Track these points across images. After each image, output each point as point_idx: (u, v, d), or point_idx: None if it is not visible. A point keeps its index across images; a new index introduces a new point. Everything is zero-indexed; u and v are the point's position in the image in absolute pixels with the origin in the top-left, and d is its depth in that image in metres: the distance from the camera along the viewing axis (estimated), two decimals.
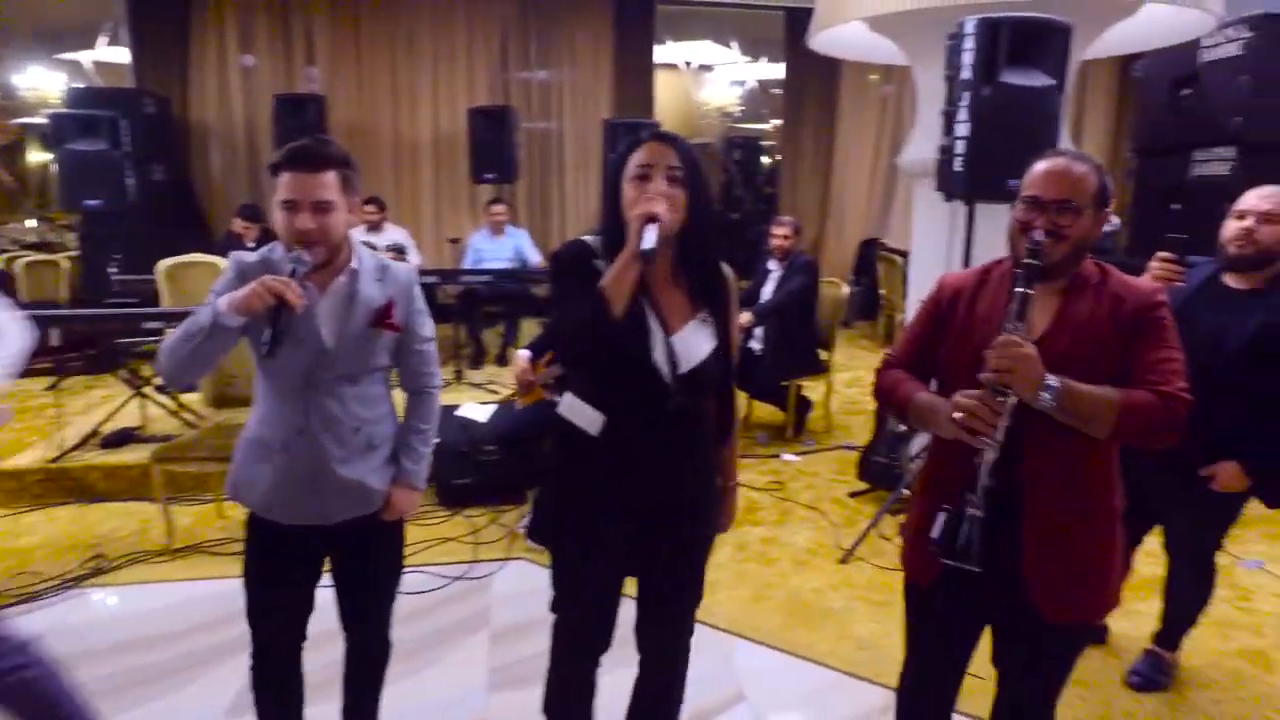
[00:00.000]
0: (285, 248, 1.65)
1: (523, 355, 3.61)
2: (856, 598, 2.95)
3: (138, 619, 2.84)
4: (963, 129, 3.16)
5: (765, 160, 10.11)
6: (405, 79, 7.71)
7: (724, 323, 1.63)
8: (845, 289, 4.97)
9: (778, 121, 9.22)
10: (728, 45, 9.18)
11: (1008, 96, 3.06)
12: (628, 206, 1.49)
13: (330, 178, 1.61)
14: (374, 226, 6.31)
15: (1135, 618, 2.74)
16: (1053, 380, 1.34)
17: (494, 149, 6.84)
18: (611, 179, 1.55)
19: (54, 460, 3.90)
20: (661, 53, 8.64)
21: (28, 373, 6.34)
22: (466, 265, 6.17)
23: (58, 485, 3.87)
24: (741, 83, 9.56)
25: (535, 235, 6.77)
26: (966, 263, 3.47)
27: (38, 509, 3.76)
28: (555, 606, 1.73)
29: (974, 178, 3.11)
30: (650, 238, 1.42)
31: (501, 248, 6.22)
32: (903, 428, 3.70)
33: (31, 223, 8.03)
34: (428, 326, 1.86)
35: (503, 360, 6.02)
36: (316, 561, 1.82)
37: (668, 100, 9.03)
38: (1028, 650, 1.57)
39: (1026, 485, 1.45)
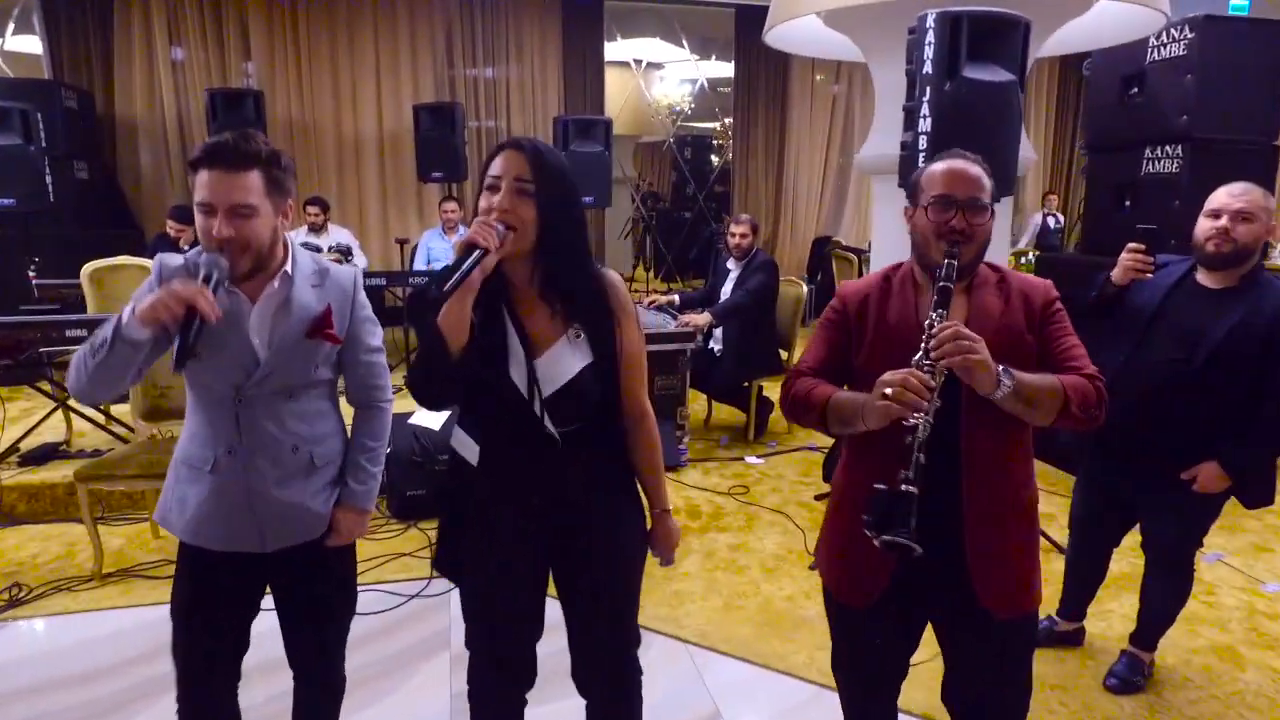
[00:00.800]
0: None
1: None
2: None
3: (64, 653, 2.62)
4: (925, 124, 3.13)
5: (715, 159, 10.08)
6: (347, 74, 7.45)
7: (604, 335, 1.50)
8: (805, 288, 4.92)
9: (729, 120, 9.19)
10: (678, 43, 9.11)
11: (970, 91, 3.03)
12: None
13: (253, 179, 1.45)
14: (317, 228, 6.08)
15: (1109, 618, 2.73)
16: (1004, 368, 1.33)
17: (441, 147, 6.67)
18: (477, 190, 1.45)
19: None
20: (611, 50, 8.54)
21: None
22: (419, 265, 5.97)
23: None
24: (692, 81, 9.50)
25: None
26: None
27: None
28: (469, 641, 1.62)
29: None
30: (462, 272, 1.28)
31: (454, 247, 6.04)
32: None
33: None
34: (375, 335, 1.71)
35: None
36: (253, 594, 1.66)
37: (618, 98, 8.93)
38: (987, 655, 1.54)
39: (963, 475, 1.44)
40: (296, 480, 1.59)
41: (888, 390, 1.31)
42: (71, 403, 4.06)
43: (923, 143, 3.13)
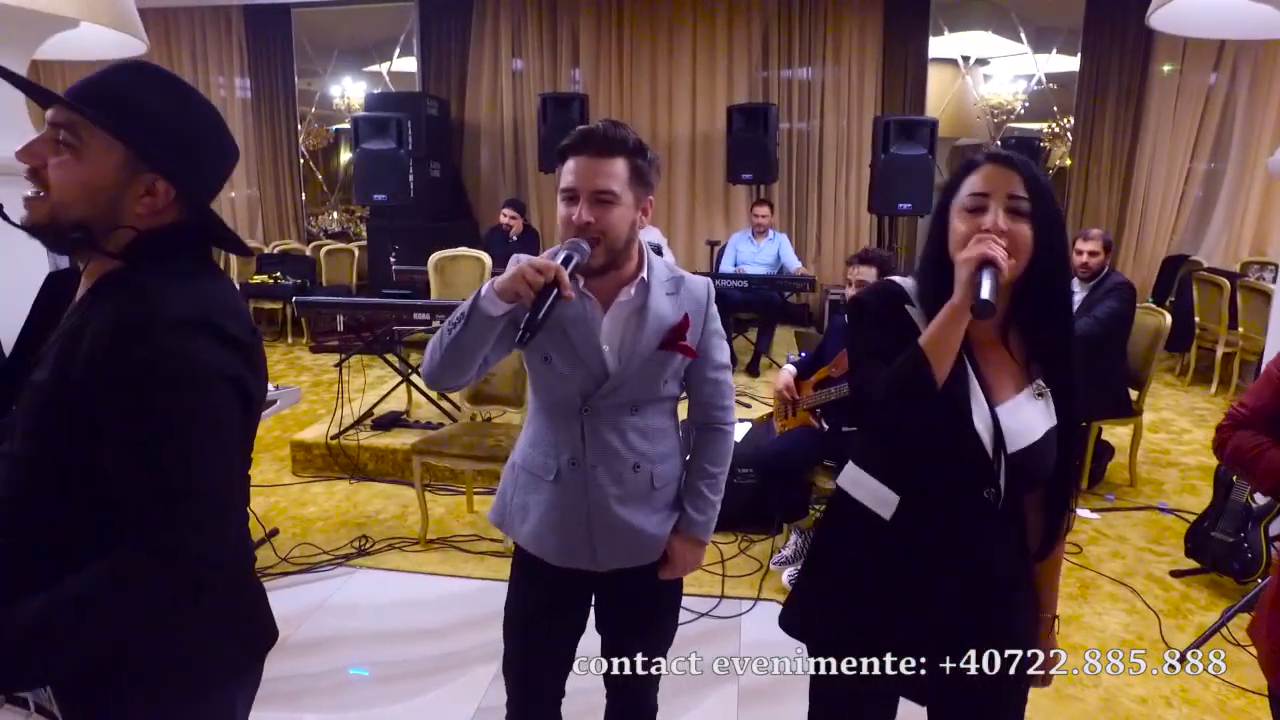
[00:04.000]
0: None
1: (788, 372, 3.28)
2: None
3: (395, 608, 2.89)
4: None
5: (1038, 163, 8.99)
6: (664, 76, 7.72)
7: (1068, 399, 1.25)
8: (1168, 318, 4.13)
9: (1066, 121, 8.12)
10: (1014, 36, 8.23)
11: None
12: (955, 245, 1.17)
13: (618, 166, 1.39)
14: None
15: None
16: None
17: (752, 148, 6.62)
18: (939, 210, 1.23)
19: (334, 437, 4.19)
20: (936, 46, 7.95)
21: (323, 349, 7.05)
22: (725, 267, 5.98)
23: (335, 461, 4.16)
24: (1028, 76, 8.53)
25: (791, 239, 6.44)
26: None
27: (320, 481, 4.07)
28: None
29: None
30: (988, 286, 1.08)
31: (762, 252, 5.99)
32: (1261, 500, 2.94)
33: (334, 214, 9.06)
34: (723, 350, 1.59)
35: (754, 370, 5.77)
36: (582, 612, 1.63)
37: (939, 97, 8.28)
38: None
39: None
40: (635, 500, 1.51)
41: None
42: (413, 377, 4.56)
43: None
